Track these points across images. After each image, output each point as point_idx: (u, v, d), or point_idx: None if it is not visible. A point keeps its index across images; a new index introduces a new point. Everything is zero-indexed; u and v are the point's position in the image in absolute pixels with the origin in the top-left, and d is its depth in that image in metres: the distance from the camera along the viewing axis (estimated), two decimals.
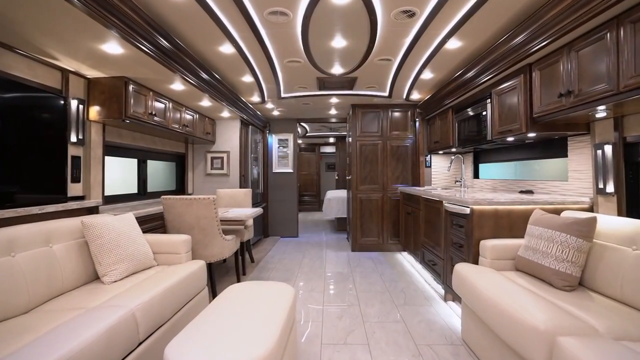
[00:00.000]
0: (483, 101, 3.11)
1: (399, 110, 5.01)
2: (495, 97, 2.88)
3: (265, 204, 5.99)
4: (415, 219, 4.01)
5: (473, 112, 3.33)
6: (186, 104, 3.80)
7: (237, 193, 4.40)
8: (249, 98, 4.51)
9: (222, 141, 4.82)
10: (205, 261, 2.96)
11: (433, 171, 4.86)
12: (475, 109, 3.28)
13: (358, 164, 5.02)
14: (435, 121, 4.44)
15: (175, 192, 4.57)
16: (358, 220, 5.01)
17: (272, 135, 6.21)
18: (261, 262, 4.44)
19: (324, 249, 5.21)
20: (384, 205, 5.00)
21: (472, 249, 2.44)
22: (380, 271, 3.99)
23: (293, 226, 6.19)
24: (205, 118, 4.45)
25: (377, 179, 5.01)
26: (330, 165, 11.40)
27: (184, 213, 2.87)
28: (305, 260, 4.51)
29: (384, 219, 5.00)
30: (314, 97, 4.51)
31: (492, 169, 4.12)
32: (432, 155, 4.86)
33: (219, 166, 4.78)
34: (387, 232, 5.00)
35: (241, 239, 3.79)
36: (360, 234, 5.02)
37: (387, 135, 5.02)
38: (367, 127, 5.03)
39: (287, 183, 6.18)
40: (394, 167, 5.01)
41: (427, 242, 3.58)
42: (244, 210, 3.58)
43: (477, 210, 2.42)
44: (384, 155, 5.01)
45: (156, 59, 2.48)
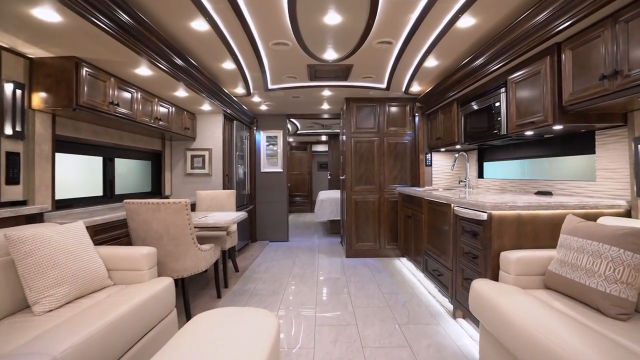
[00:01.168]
0: (495, 91, 2.75)
1: (396, 104, 4.63)
2: (512, 85, 2.51)
3: (252, 206, 5.57)
4: (417, 223, 3.64)
5: (483, 105, 2.97)
6: (159, 95, 3.35)
7: (220, 195, 3.97)
8: (233, 90, 4.08)
9: (204, 137, 4.38)
10: (177, 276, 2.53)
11: (434, 170, 4.49)
12: (486, 101, 2.91)
13: (352, 163, 4.62)
14: (437, 116, 4.07)
15: (150, 194, 4.11)
16: (353, 224, 4.62)
17: (260, 132, 5.78)
18: (247, 271, 4.02)
19: (316, 255, 4.80)
20: (380, 207, 4.62)
21: (490, 261, 2.06)
22: (378, 281, 3.60)
23: (283, 229, 5.78)
24: (184, 112, 4.00)
25: (374, 179, 4.63)
26: (322, 165, 11.00)
27: (150, 220, 2.43)
28: (296, 269, 4.10)
29: (380, 223, 4.62)
30: (305, 89, 4.10)
31: (498, 168, 3.77)
32: (433, 153, 4.49)
33: (200, 165, 4.34)
34: (385, 237, 4.62)
35: (222, 247, 3.36)
36: (356, 239, 4.63)
37: (384, 132, 4.64)
38: (362, 122, 4.64)
39: (277, 183, 5.77)
40: (391, 166, 4.63)
41: (430, 249, 3.21)
42: (225, 215, 3.15)
43: (496, 216, 2.05)
44: (381, 153, 4.63)
45: (114, 37, 2.05)
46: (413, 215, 3.78)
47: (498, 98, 2.70)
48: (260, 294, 3.26)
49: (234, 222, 2.89)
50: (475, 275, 2.26)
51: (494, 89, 2.78)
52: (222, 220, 2.82)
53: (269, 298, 3.15)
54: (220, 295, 3.12)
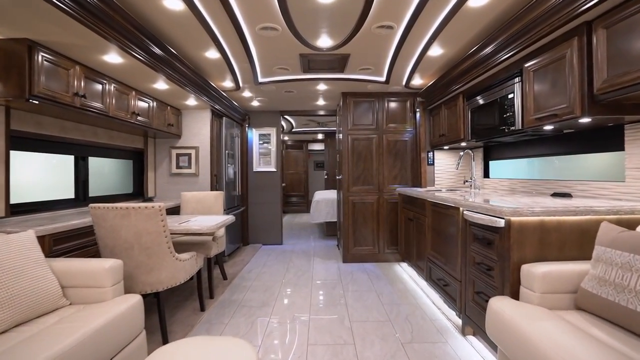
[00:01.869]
0: (508, 82, 2.47)
1: (396, 99, 4.35)
2: (529, 74, 2.23)
3: (244, 207, 5.27)
4: (419, 227, 3.36)
5: (493, 97, 2.69)
6: (137, 87, 3.05)
7: (206, 197, 3.67)
8: (221, 83, 3.78)
9: (190, 135, 4.07)
10: (151, 290, 2.23)
11: (437, 169, 4.22)
12: (496, 93, 2.63)
13: (350, 162, 4.34)
14: (440, 111, 3.78)
15: (131, 195, 3.81)
16: (350, 227, 4.34)
17: (252, 129, 5.48)
18: (236, 278, 3.72)
19: (312, 259, 4.52)
20: (379, 209, 4.34)
21: (508, 275, 1.78)
22: (377, 289, 3.32)
23: (276, 232, 5.48)
24: (167, 107, 3.70)
25: (372, 179, 4.34)
26: (319, 164, 10.71)
27: (118, 227, 2.13)
28: (289, 275, 3.81)
29: (379, 225, 4.34)
30: (298, 82, 3.81)
31: (505, 167, 3.50)
32: (436, 151, 4.21)
33: (186, 164, 4.04)
34: (384, 240, 4.34)
35: (207, 255, 3.06)
36: (353, 243, 4.34)
37: (383, 129, 4.35)
38: (360, 119, 4.36)
39: (270, 183, 5.47)
40: (391, 165, 4.35)
41: (435, 256, 2.93)
42: (209, 219, 2.86)
43: (516, 223, 1.77)
44: (380, 152, 4.34)
45: (70, 15, 1.75)
46: (415, 219, 3.50)
47: (511, 89, 2.42)
48: (249, 305, 2.97)
49: (217, 228, 2.60)
50: (489, 289, 1.98)
51: (506, 79, 2.50)
52: (204, 226, 2.53)
53: (258, 310, 2.86)
54: (203, 308, 2.83)
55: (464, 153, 3.57)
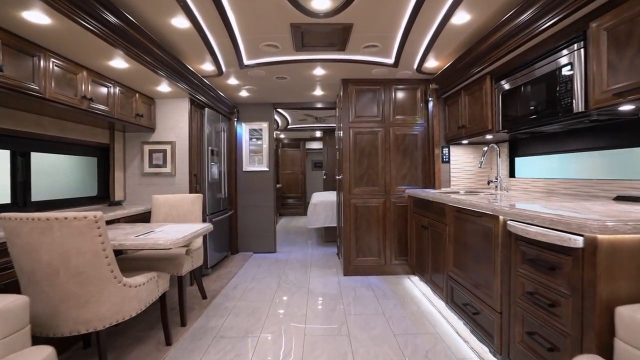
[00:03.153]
0: (561, 51, 1.89)
1: (405, 86, 3.78)
2: (598, 35, 1.65)
3: (232, 211, 4.69)
4: (436, 237, 2.78)
5: (534, 75, 2.12)
6: (88, 65, 2.47)
7: (181, 201, 3.09)
8: (199, 66, 3.20)
9: (165, 128, 3.49)
10: (87, 330, 1.65)
11: (453, 168, 3.64)
12: (541, 69, 2.06)
13: (352, 159, 3.76)
14: (458, 99, 3.21)
15: (95, 199, 3.22)
16: (352, 234, 3.76)
17: (241, 124, 4.90)
18: (218, 296, 3.14)
19: (308, 271, 3.94)
20: (386, 213, 3.76)
21: (591, 319, 1.20)
22: (386, 312, 2.74)
23: (269, 239, 4.90)
24: (135, 93, 3.11)
25: (377, 179, 3.77)
26: (317, 164, 10.15)
27: (37, 245, 1.55)
28: (281, 293, 3.23)
29: (386, 233, 3.76)
30: (291, 65, 3.23)
31: (536, 164, 2.94)
32: (452, 147, 3.64)
33: (161, 162, 3.46)
34: (391, 250, 3.76)
35: (177, 273, 2.49)
36: (355, 253, 3.76)
37: (389, 121, 3.78)
38: (363, 109, 3.78)
39: (262, 184, 4.89)
40: (399, 163, 3.77)
41: (459, 274, 2.35)
42: (178, 230, 2.28)
43: (605, 243, 1.19)
44: (386, 147, 3.77)
45: None
46: (430, 226, 2.93)
47: (567, 60, 1.85)
48: (229, 335, 2.39)
49: (185, 241, 2.02)
50: (554, 334, 1.40)
51: (558, 48, 1.92)
52: (167, 239, 1.94)
53: (239, 343, 2.28)
54: (170, 342, 2.24)
55: (488, 148, 3.00)
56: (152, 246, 1.91)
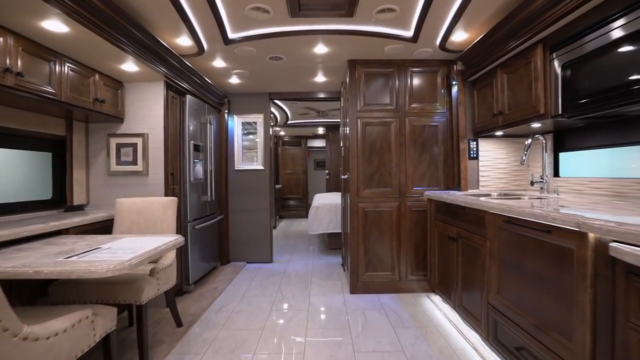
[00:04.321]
0: None
1: (424, 69, 3.18)
2: None
3: (222, 216, 4.10)
4: (470, 253, 2.18)
5: (616, 33, 1.52)
6: (13, 27, 1.88)
7: (151, 206, 2.51)
8: (173, 40, 2.61)
9: (136, 118, 2.91)
10: None
11: (482, 165, 3.03)
12: (632, 23, 1.46)
13: (360, 156, 3.16)
14: (493, 79, 2.60)
15: (49, 203, 2.65)
16: (360, 244, 3.16)
17: (233, 116, 4.32)
18: (197, 323, 2.56)
19: (309, 288, 3.34)
20: (400, 220, 3.16)
21: None
22: (406, 347, 2.14)
23: (265, 247, 4.31)
24: (95, 73, 2.53)
25: (390, 179, 3.17)
26: (320, 163, 9.56)
27: None
28: (274, 318, 2.64)
29: (400, 243, 3.16)
30: (287, 38, 2.64)
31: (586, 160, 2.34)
32: (481, 140, 3.03)
33: (130, 159, 2.88)
34: (407, 263, 3.16)
35: (135, 301, 1.90)
36: (364, 266, 3.16)
37: (404, 110, 3.18)
38: (373, 97, 3.18)
39: (257, 185, 4.31)
40: (416, 160, 3.17)
41: (507, 306, 1.75)
42: (133, 246, 1.69)
43: None
44: (401, 141, 3.17)
45: None
46: (461, 238, 2.32)
47: None
48: None
49: (130, 267, 1.43)
50: None
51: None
52: (105, 265, 1.36)
53: None
54: None
55: (531, 140, 2.39)
56: (81, 274, 1.32)
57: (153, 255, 1.61)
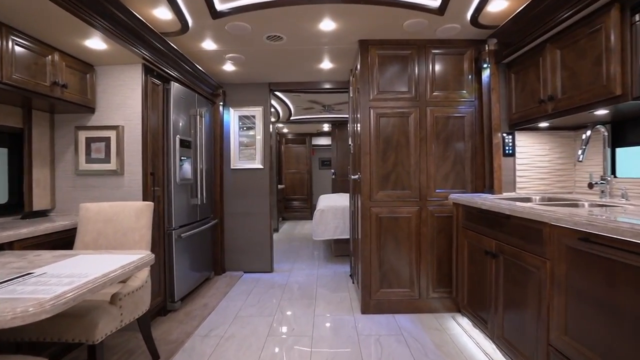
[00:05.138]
0: None
1: (448, 50, 2.70)
2: None
3: (216, 220, 3.66)
4: (519, 275, 1.70)
5: None
6: None
7: (122, 212, 2.06)
8: (149, 11, 2.17)
9: (109, 107, 2.47)
10: None
11: (519, 163, 2.55)
12: None
13: (373, 152, 2.70)
14: (539, 58, 2.11)
15: (4, 209, 2.22)
16: (374, 255, 2.70)
17: (229, 109, 3.88)
18: (178, 353, 2.12)
19: (313, 305, 2.89)
20: (420, 227, 2.69)
21: None
22: None
23: (264, 255, 3.87)
24: (54, 51, 2.09)
25: (409, 180, 2.70)
26: (325, 162, 9.11)
27: None
28: (271, 346, 2.19)
29: (421, 254, 2.69)
30: (286, 9, 2.18)
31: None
32: (518, 133, 2.54)
33: (103, 155, 2.44)
34: (428, 278, 2.69)
35: (87, 339, 1.46)
36: (379, 281, 2.70)
37: (426, 99, 2.71)
38: (389, 83, 2.71)
39: (255, 186, 3.86)
40: (439, 157, 2.70)
41: (582, 353, 1.27)
42: (79, 272, 1.25)
43: None
44: (421, 136, 2.70)
45: None
46: (503, 254, 1.85)
47: None
48: None
49: (53, 310, 0.98)
50: None
51: None
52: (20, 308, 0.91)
53: None
54: None
55: (590, 132, 1.90)
56: None
57: (97, 286, 1.16)
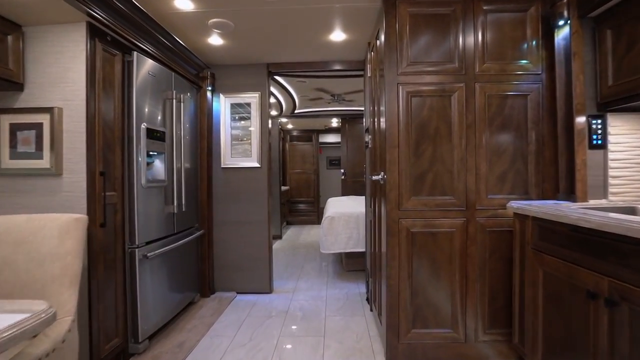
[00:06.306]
0: None
1: (504, 5, 1.99)
2: None
3: (202, 231, 2.99)
4: None
5: None
6: None
7: (41, 229, 1.40)
8: None
9: (42, 83, 1.81)
10: None
11: (613, 159, 1.82)
12: None
13: (403, 144, 2.00)
14: None
15: None
16: (404, 284, 2.00)
17: (218, 95, 3.21)
18: None
19: (321, 347, 2.20)
20: (467, 246, 1.98)
21: None
22: None
23: (262, 271, 3.19)
24: None
25: (452, 181, 1.99)
26: (333, 161, 8.43)
27: None
28: None
29: (467, 282, 1.98)
30: None
31: None
32: (611, 117, 1.82)
33: (32, 149, 1.78)
34: (477, 314, 1.98)
35: None
36: (410, 319, 2.00)
37: (473, 71, 2.00)
38: (424, 52, 2.01)
39: (251, 188, 3.19)
40: (493, 151, 1.99)
41: None
42: None
43: None
44: (469, 121, 1.99)
45: None
46: (626, 302, 1.13)
47: None
48: None
49: None
50: None
51: None
52: None
53: None
54: None
55: None
56: None
57: None
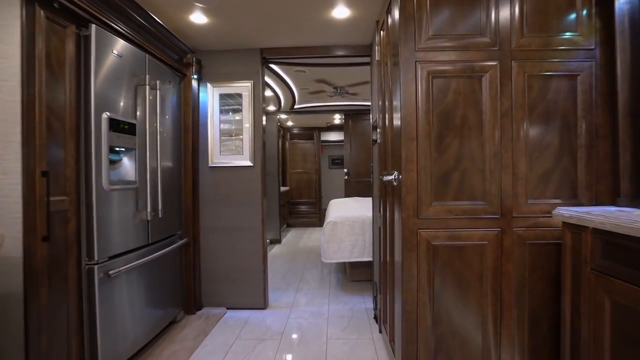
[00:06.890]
0: None
1: None
2: None
3: (186, 239, 2.63)
4: None
5: None
6: None
7: None
8: None
9: None
10: None
11: None
12: None
13: (422, 136, 1.62)
14: None
15: None
16: (424, 309, 1.61)
17: (205, 84, 2.84)
18: None
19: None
20: (502, 262, 1.60)
21: None
22: None
23: (256, 284, 2.82)
24: None
25: (482, 183, 1.61)
26: (335, 160, 8.06)
27: None
28: None
29: (503, 307, 1.60)
30: None
31: None
32: None
33: None
34: (515, 346, 1.60)
35: None
36: (432, 352, 1.62)
37: (510, 46, 1.61)
38: (448, 23, 1.63)
39: (243, 190, 2.82)
40: (533, 146, 1.61)
41: None
42: None
43: None
44: (504, 108, 1.60)
45: None
46: None
47: None
48: None
49: None
50: None
51: None
52: None
53: None
54: None
55: None
56: None
57: None
